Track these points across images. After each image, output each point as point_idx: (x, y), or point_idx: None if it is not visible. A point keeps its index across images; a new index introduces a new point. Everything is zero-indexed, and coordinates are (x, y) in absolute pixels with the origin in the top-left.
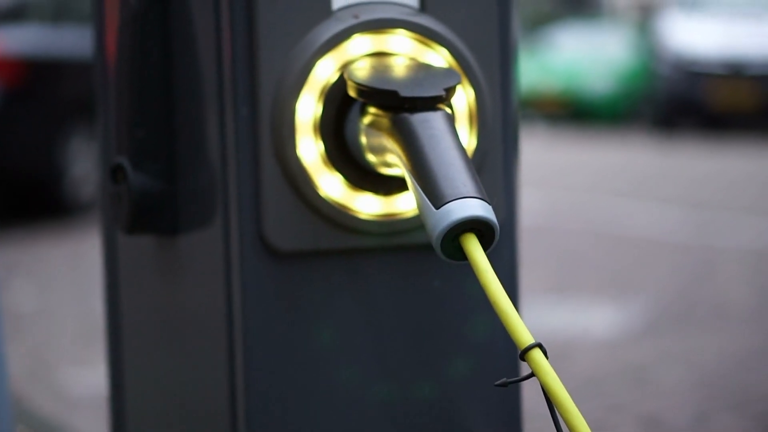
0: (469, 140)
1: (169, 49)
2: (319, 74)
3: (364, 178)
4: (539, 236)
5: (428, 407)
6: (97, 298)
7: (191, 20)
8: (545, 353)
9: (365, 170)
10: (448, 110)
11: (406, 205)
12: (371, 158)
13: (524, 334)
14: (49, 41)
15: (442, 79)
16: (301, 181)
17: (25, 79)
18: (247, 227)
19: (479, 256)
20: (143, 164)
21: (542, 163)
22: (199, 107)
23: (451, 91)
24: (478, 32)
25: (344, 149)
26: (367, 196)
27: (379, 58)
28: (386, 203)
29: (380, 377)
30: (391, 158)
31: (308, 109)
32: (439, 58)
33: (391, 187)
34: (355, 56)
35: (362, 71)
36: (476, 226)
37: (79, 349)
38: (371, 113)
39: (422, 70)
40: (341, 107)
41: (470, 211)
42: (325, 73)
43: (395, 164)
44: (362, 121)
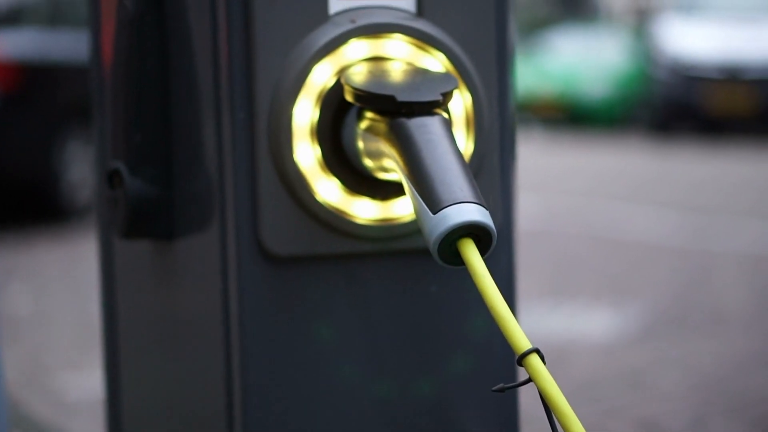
0: (466, 145)
1: (165, 53)
2: (316, 79)
3: (361, 182)
4: (536, 240)
5: (426, 408)
6: (93, 302)
7: (188, 24)
8: (542, 358)
9: (362, 175)
10: (445, 115)
11: (403, 209)
12: (368, 163)
13: (521, 339)
14: (45, 45)
15: (439, 83)
16: (298, 185)
17: (21, 83)
18: (244, 232)
19: (476, 261)
20: (140, 169)
21: (539, 167)
22: (195, 112)
23: (448, 95)
24: (474, 37)
25: (341, 154)
26: (364, 200)
27: (376, 62)
28: (383, 208)
29: (377, 381)
30: (388, 163)
31: (305, 113)
32: (436, 62)
33: (388, 191)
34: (352, 61)
35: (359, 76)
36: (473, 231)
37: (75, 353)
38: (368, 118)
39: (419, 74)
40: (338, 112)
41: (467, 216)
42: (322, 77)
43: (392, 169)
44: (359, 125)
